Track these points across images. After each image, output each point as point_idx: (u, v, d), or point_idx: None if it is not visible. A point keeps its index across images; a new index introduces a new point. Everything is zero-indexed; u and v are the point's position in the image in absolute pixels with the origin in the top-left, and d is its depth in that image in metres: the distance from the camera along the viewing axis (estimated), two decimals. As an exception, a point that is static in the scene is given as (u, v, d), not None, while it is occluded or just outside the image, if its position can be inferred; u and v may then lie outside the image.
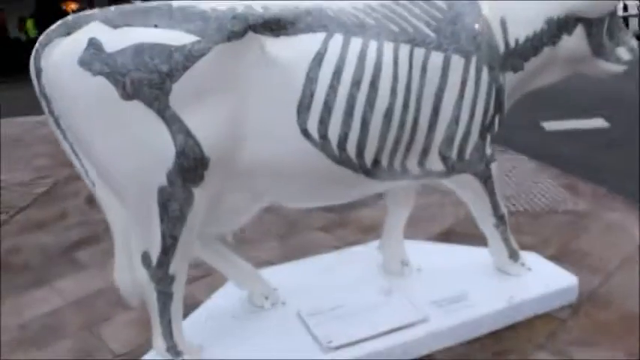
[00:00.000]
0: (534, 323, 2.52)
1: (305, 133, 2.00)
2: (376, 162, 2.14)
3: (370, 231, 3.39)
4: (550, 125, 4.69)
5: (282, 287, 2.71)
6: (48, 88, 1.88)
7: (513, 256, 2.66)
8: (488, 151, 2.37)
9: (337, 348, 2.30)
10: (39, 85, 1.90)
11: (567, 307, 2.60)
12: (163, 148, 1.85)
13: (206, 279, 2.91)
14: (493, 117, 2.31)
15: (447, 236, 3.31)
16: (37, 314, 2.85)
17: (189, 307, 2.63)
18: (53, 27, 1.89)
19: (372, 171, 2.16)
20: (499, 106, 2.32)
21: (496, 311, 2.50)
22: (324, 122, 2.01)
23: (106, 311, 2.78)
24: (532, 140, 4.66)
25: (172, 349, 2.17)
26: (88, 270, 3.17)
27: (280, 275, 2.85)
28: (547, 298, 2.59)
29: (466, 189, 2.45)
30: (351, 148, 2.07)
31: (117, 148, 1.86)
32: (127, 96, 1.79)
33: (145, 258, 2.03)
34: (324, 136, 2.02)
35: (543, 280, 2.65)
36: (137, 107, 1.81)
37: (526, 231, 3.33)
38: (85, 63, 1.79)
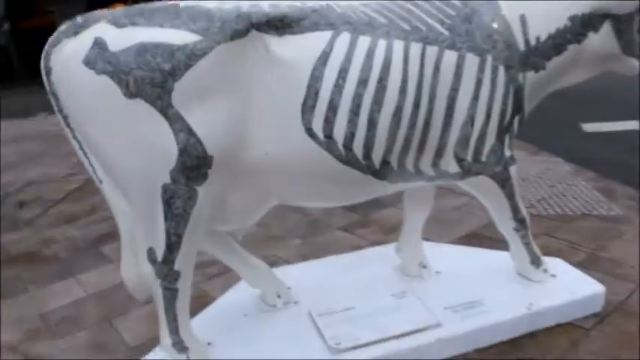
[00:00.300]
0: (555, 332, 2.40)
1: (310, 132, 1.95)
2: (385, 163, 2.07)
3: (392, 231, 3.29)
4: (589, 127, 4.49)
5: (297, 286, 2.67)
6: (56, 86, 1.90)
7: (535, 261, 2.54)
8: (507, 152, 2.26)
9: (345, 350, 2.24)
10: (49, 84, 1.92)
11: (592, 317, 2.46)
12: (166, 147, 1.84)
13: (222, 277, 2.90)
14: (511, 118, 2.20)
15: (472, 239, 3.19)
16: (59, 305, 2.91)
17: (204, 305, 2.65)
18: (62, 27, 1.91)
19: (380, 172, 2.09)
20: (518, 106, 2.20)
21: (514, 318, 2.38)
22: (329, 122, 1.95)
23: (125, 304, 2.79)
24: (569, 142, 4.47)
25: (178, 345, 2.16)
26: (112, 263, 3.20)
27: (296, 274, 2.82)
28: (570, 307, 2.46)
29: (484, 192, 2.34)
30: (358, 148, 2.00)
31: (121, 146, 1.86)
32: (129, 94, 1.79)
33: (151, 254, 2.03)
34: (329, 135, 1.96)
35: (567, 288, 2.51)
36: (140, 105, 1.80)
37: (556, 235, 3.18)
38: (89, 62, 1.79)
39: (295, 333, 2.38)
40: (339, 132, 1.97)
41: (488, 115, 2.14)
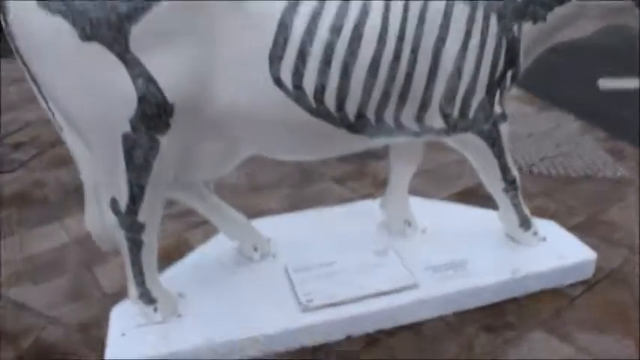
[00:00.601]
0: (540, 298, 2.29)
1: (278, 82, 1.80)
2: (360, 116, 1.91)
3: (385, 185, 3.15)
4: (606, 82, 4.21)
5: (277, 239, 2.60)
6: (12, 27, 1.76)
7: (524, 224, 2.40)
8: (498, 109, 2.09)
9: (316, 308, 2.16)
10: (5, 25, 1.79)
11: (581, 285, 2.33)
12: (124, 93, 1.72)
13: (203, 226, 2.81)
14: (504, 72, 2.02)
15: (467, 196, 3.02)
16: (43, 249, 2.86)
17: (183, 254, 2.60)
18: None
19: (356, 126, 1.94)
20: (511, 60, 2.02)
21: (497, 283, 2.27)
22: (298, 71, 1.79)
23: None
24: (583, 97, 4.20)
25: (145, 296, 2.11)
26: (99, 208, 3.15)
27: (278, 226, 2.74)
28: (558, 273, 2.33)
29: (471, 150, 2.19)
30: (330, 100, 1.85)
31: (78, 92, 1.74)
32: (85, 37, 1.66)
33: (114, 205, 1.94)
34: (298, 86, 1.80)
35: (557, 253, 2.38)
36: (96, 49, 1.67)
37: (555, 196, 3.02)
38: (43, 1, 1.65)
39: (269, 287, 2.31)
40: (309, 83, 1.81)
41: (477, 69, 1.96)
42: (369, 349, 2.11)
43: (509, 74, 2.05)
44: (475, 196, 3.02)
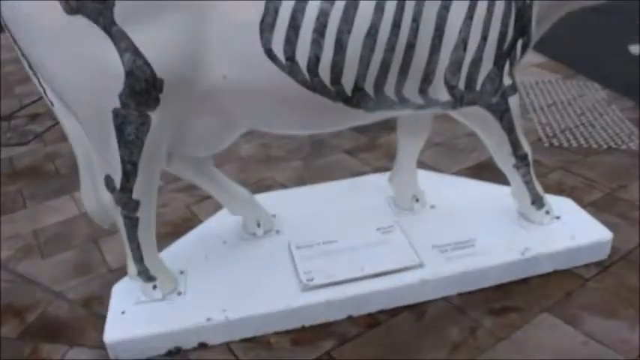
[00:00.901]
0: (551, 280, 2.18)
1: (269, 54, 1.70)
2: (358, 89, 1.81)
3: (398, 158, 3.09)
4: (636, 49, 3.96)
5: (282, 214, 2.55)
6: None
7: (537, 202, 2.27)
8: (507, 81, 1.96)
9: (315, 287, 2.11)
10: None
11: (595, 266, 2.22)
12: (112, 68, 1.66)
13: (211, 200, 2.73)
14: (513, 41, 1.88)
15: (482, 171, 2.91)
16: (52, 222, 2.87)
17: (191, 228, 2.58)
18: None
19: (353, 99, 1.84)
20: (522, 28, 1.88)
21: (505, 263, 2.17)
22: (290, 42, 1.69)
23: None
24: (611, 65, 3.97)
25: (144, 273, 2.08)
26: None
27: (284, 201, 2.69)
28: (571, 253, 2.21)
29: (479, 124, 2.07)
30: (324, 73, 1.75)
31: (66, 68, 1.69)
32: (70, 10, 1.59)
33: (109, 182, 1.90)
34: (291, 58, 1.71)
35: (570, 232, 2.26)
36: (82, 22, 1.61)
37: (573, 170, 2.87)
38: None
39: (270, 265, 2.26)
40: (302, 54, 1.71)
41: (484, 38, 1.83)
42: (369, 330, 2.05)
43: (519, 44, 1.91)
44: (488, 170, 2.87)
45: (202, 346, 2.03)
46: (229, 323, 2.04)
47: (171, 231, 2.66)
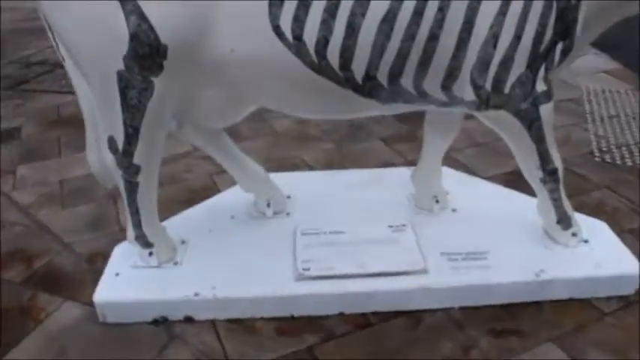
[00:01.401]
0: (566, 308, 2.00)
1: (277, 30, 1.61)
2: (370, 78, 1.69)
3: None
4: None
5: (299, 196, 2.48)
6: None
7: (563, 221, 2.08)
8: (541, 87, 1.77)
9: (310, 278, 2.03)
10: None
11: (617, 300, 2.01)
12: (117, 30, 1.63)
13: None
14: (552, 44, 1.70)
15: (515, 179, 2.60)
16: (79, 174, 2.93)
17: (207, 197, 2.56)
18: None
19: (364, 88, 1.72)
20: (564, 30, 1.69)
21: (516, 282, 2.01)
22: (298, 20, 1.59)
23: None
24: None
25: (141, 239, 2.08)
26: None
27: (305, 182, 2.63)
28: (592, 282, 2.02)
29: (506, 130, 1.91)
30: (333, 56, 1.64)
31: (76, 25, 1.68)
32: None
33: (112, 143, 1.88)
34: (298, 37, 1.61)
35: (596, 259, 2.06)
36: None
37: (619, 191, 2.61)
38: None
39: (271, 247, 2.20)
40: (311, 34, 1.61)
41: (517, 37, 1.66)
42: (358, 331, 1.96)
43: (559, 47, 1.71)
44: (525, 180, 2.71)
45: (188, 319, 2.01)
46: (216, 301, 2.00)
47: (189, 197, 2.66)
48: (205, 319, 2.01)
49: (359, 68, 1.66)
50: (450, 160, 2.74)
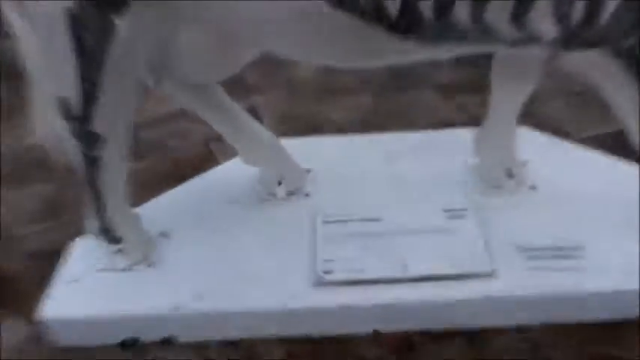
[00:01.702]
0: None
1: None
2: (408, 9, 1.54)
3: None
4: None
5: (321, 170, 2.40)
6: None
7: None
8: (650, 16, 1.62)
9: (331, 284, 1.92)
10: None
11: None
12: None
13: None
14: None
15: (621, 142, 2.32)
16: (29, 144, 2.79)
17: (200, 171, 2.51)
18: None
19: (402, 24, 1.57)
20: None
21: (620, 292, 1.84)
22: None
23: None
24: None
25: (106, 232, 2.02)
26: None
27: (331, 151, 2.55)
28: None
29: (600, 77, 1.77)
30: None
31: None
32: None
33: (63, 105, 1.80)
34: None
35: None
36: None
37: None
38: None
39: (281, 241, 2.11)
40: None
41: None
42: (398, 356, 1.85)
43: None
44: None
45: (166, 342, 1.93)
46: (205, 316, 1.92)
47: (175, 173, 2.60)
48: (190, 341, 1.94)
49: (392, -5, 1.52)
50: (530, 116, 2.53)
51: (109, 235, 2.02)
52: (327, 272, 1.95)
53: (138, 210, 2.18)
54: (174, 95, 2.16)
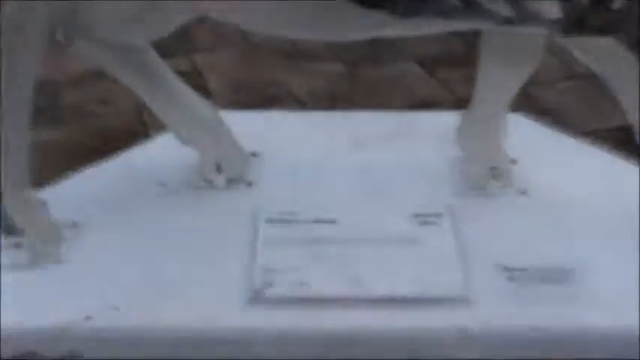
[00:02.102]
0: None
1: None
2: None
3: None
4: None
5: (270, 155, 2.25)
6: None
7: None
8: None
9: (274, 301, 1.74)
10: None
11: None
12: None
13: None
14: None
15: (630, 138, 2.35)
16: None
17: (130, 143, 2.37)
18: None
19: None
20: None
21: (625, 326, 1.66)
22: None
23: None
24: None
25: (1, 222, 1.88)
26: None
27: (284, 131, 2.39)
28: None
29: (609, 66, 1.70)
30: None
31: None
32: None
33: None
34: None
35: None
36: None
37: None
38: None
39: (213, 241, 1.94)
40: None
41: None
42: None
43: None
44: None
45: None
46: (120, 330, 1.73)
47: (96, 148, 2.50)
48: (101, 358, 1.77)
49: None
50: (528, 100, 2.52)
51: (6, 225, 1.89)
52: (267, 284, 1.77)
53: (46, 191, 2.03)
54: (89, 56, 1.99)
